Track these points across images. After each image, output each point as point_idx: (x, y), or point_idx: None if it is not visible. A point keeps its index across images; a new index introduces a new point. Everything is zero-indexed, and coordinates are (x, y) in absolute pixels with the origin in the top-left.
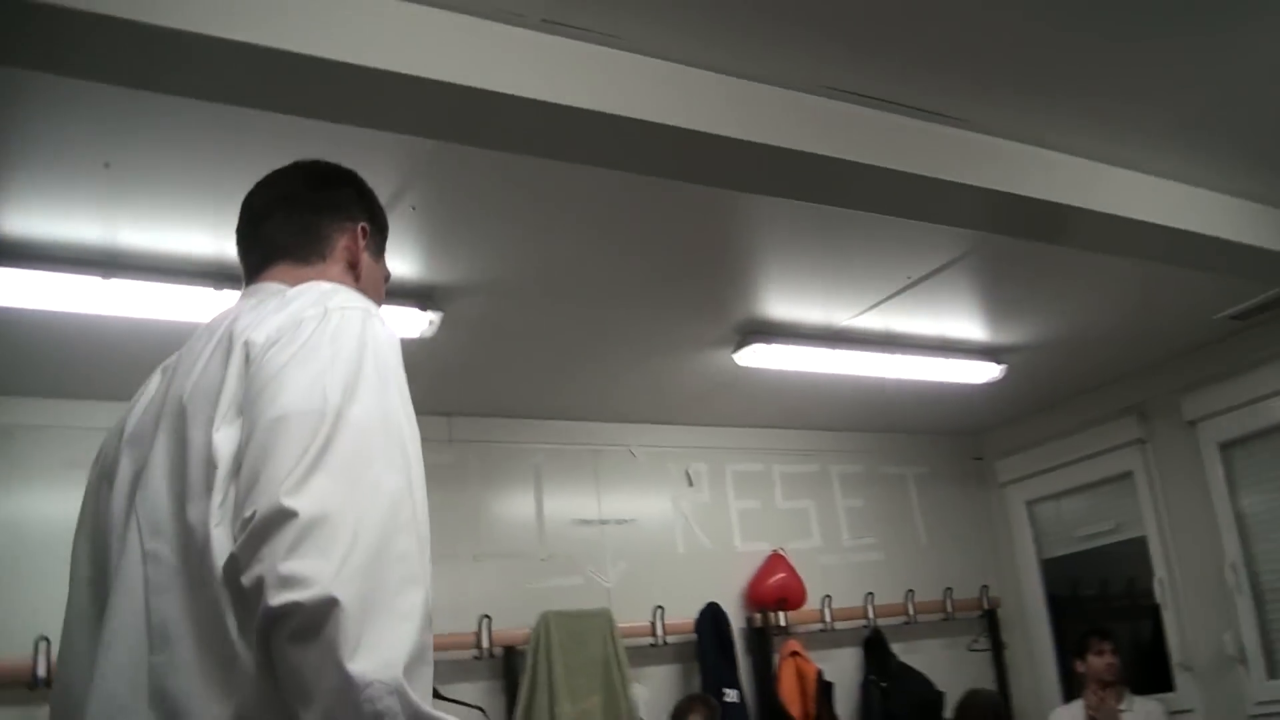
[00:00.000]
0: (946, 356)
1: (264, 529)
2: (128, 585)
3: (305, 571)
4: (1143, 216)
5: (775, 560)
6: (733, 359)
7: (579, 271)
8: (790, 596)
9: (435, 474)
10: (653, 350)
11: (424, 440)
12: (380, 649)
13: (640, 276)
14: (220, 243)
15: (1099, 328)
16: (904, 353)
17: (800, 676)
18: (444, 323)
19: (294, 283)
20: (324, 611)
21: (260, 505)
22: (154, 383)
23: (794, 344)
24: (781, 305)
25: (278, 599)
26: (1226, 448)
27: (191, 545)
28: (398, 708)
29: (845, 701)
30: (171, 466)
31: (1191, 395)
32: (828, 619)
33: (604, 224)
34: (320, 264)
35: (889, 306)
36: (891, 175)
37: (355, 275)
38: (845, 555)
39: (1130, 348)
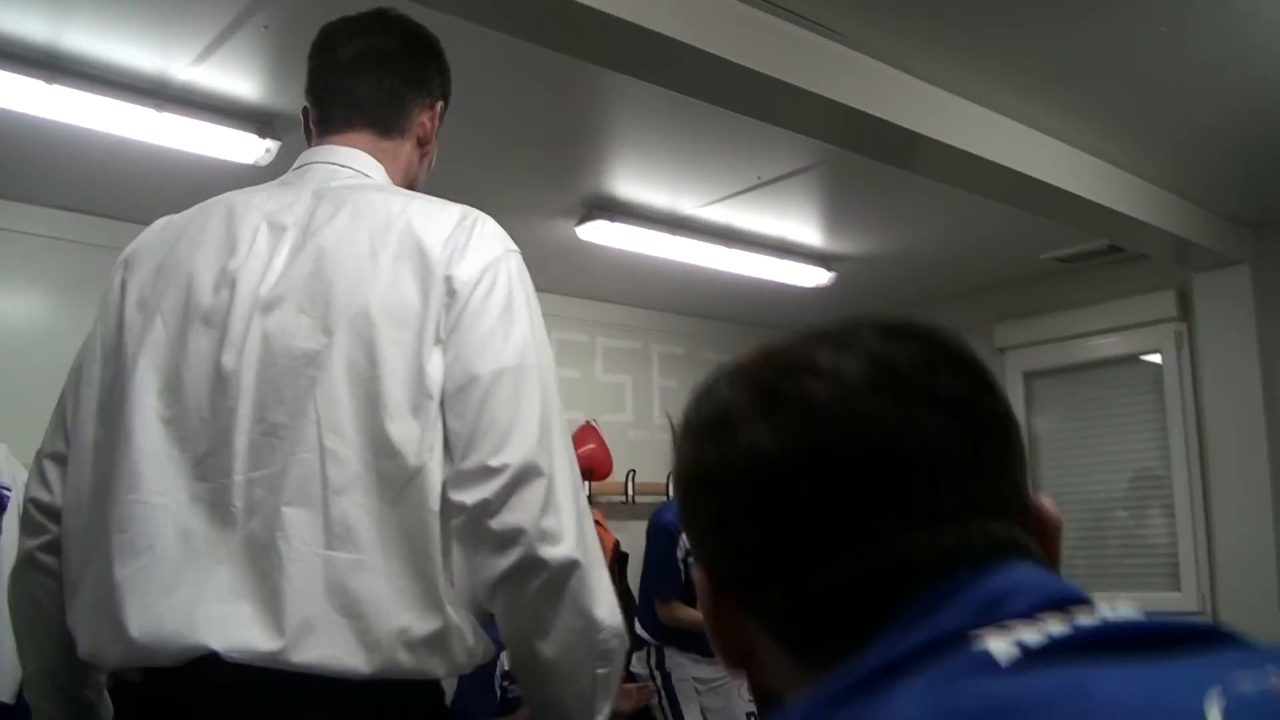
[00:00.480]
0: (781, 257)
1: (519, 483)
2: (303, 474)
3: (555, 528)
4: (990, 156)
5: (587, 430)
6: (574, 231)
7: None
8: (597, 467)
9: None
10: (493, 209)
11: None
12: (606, 596)
13: (490, 135)
14: (166, 61)
15: (929, 251)
16: (742, 248)
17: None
18: (281, 152)
19: (376, 154)
20: (570, 566)
21: (514, 460)
22: (262, 236)
23: (637, 225)
24: (630, 185)
25: (543, 550)
26: (1030, 377)
27: (384, 459)
28: (619, 649)
29: (638, 574)
30: (355, 374)
31: (1004, 325)
32: (630, 492)
33: (459, 77)
34: (398, 139)
35: (735, 202)
36: (752, 75)
37: (423, 153)
38: (655, 432)
39: (954, 272)
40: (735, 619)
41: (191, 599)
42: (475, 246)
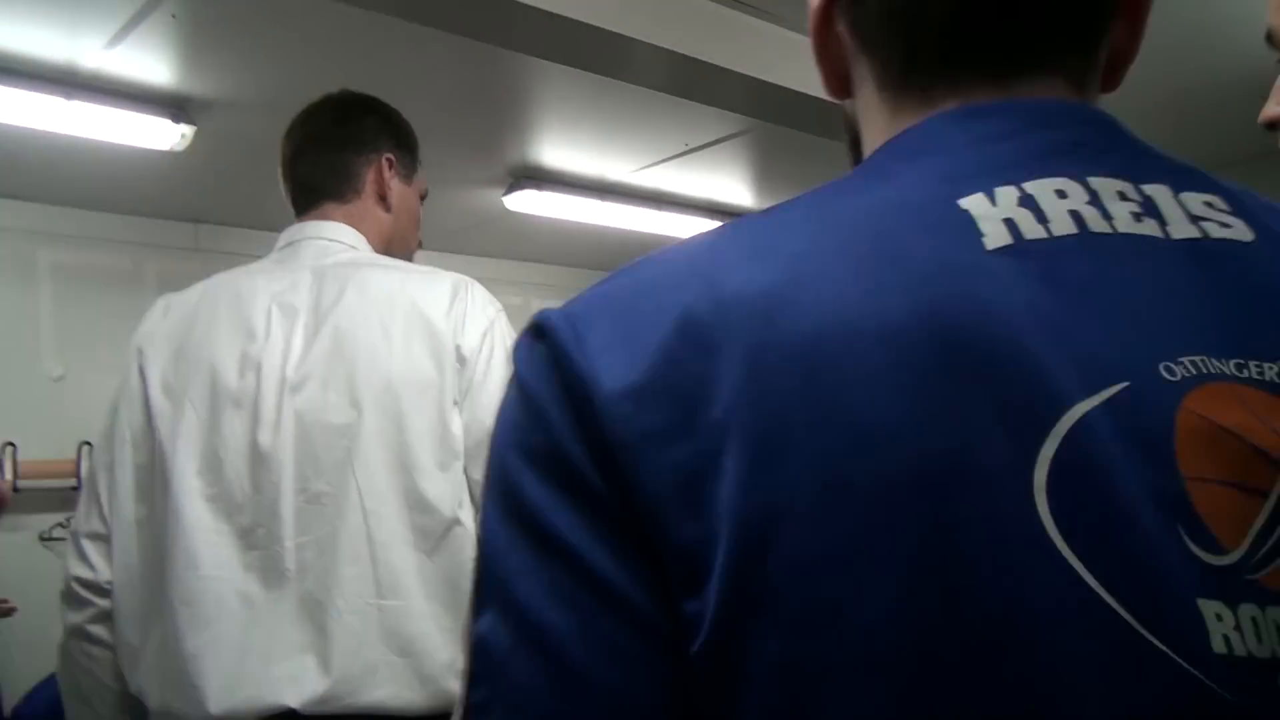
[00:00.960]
0: (713, 219)
1: None
2: (350, 535)
3: None
4: None
5: None
6: (501, 201)
7: None
8: None
9: (178, 283)
10: None
11: (168, 247)
12: None
13: (411, 111)
14: (74, 49)
15: None
16: (674, 211)
17: None
18: (196, 137)
19: (348, 221)
20: None
21: None
22: (275, 319)
23: (565, 192)
24: (557, 154)
25: None
26: None
27: (419, 514)
28: None
29: None
30: (385, 441)
31: None
32: None
33: (376, 56)
34: (356, 200)
35: (665, 168)
36: (664, 54)
37: (386, 206)
38: None
39: None
40: (838, 44)
41: (263, 660)
42: (473, 316)
